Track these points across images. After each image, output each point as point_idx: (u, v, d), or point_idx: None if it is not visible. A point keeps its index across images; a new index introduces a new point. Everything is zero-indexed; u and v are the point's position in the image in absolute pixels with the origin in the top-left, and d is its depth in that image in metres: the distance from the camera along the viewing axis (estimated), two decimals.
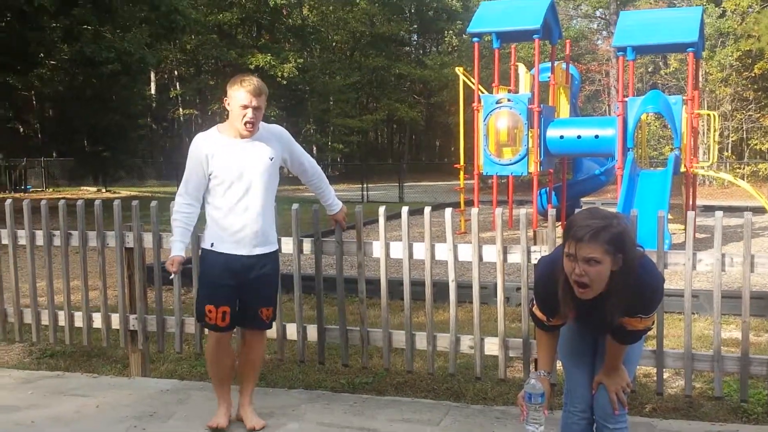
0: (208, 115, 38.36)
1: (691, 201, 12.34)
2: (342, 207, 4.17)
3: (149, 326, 4.69)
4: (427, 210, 4.13)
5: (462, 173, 13.59)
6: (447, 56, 43.16)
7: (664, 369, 3.87)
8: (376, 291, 4.29)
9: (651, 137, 25.62)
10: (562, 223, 2.92)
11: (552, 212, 3.99)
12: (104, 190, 28.05)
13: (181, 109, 40.58)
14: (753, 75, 28.18)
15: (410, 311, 4.22)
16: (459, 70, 13.77)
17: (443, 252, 4.12)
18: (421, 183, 32.73)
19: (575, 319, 2.72)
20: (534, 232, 4.04)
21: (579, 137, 12.18)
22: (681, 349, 3.84)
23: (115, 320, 4.76)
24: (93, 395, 4.33)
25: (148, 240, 4.61)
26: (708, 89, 28.53)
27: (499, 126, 12.20)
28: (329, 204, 4.12)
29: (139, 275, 4.66)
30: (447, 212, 4.15)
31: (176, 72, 40.91)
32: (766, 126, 29.26)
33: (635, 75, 13.87)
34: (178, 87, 40.55)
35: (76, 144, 29.84)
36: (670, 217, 12.21)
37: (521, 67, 14.19)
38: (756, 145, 29.97)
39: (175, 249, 3.74)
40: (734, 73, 28.80)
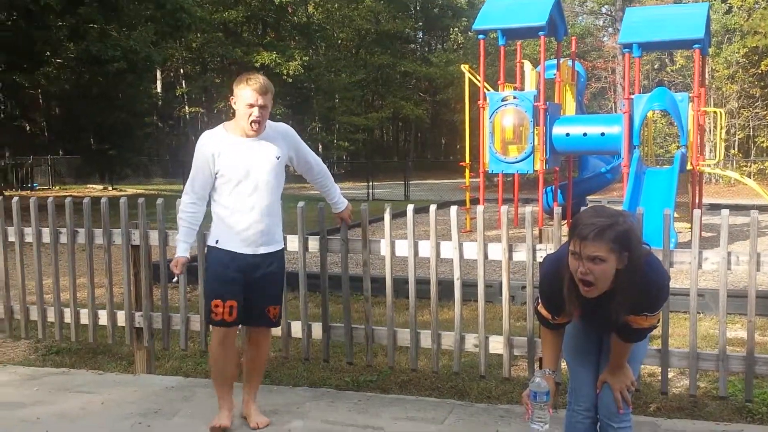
0: (214, 113, 38.40)
1: (698, 199, 12.30)
2: (347, 205, 4.17)
3: (155, 323, 4.70)
4: (433, 208, 4.12)
5: (467, 171, 13.57)
6: (452, 53, 43.09)
7: (669, 368, 3.87)
8: (381, 289, 4.29)
9: (657, 135, 25.55)
10: (568, 222, 2.92)
11: (558, 210, 3.98)
12: (110, 188, 28.12)
13: (187, 107, 40.62)
14: (760, 72, 28.05)
15: (415, 309, 4.22)
16: (464, 68, 13.75)
17: (448, 250, 4.12)
18: (427, 181, 32.72)
19: (580, 318, 2.72)
20: (539, 231, 4.04)
21: (585, 135, 12.15)
22: (686, 349, 3.83)
23: (121, 317, 4.78)
24: (98, 392, 4.35)
25: (154, 238, 4.63)
26: (714, 86, 28.42)
27: (505, 123, 12.18)
28: (335, 202, 4.13)
29: (145, 273, 4.67)
30: (452, 210, 4.14)
31: (182, 70, 40.97)
32: None
33: (641, 72, 13.84)
34: (184, 85, 40.61)
35: (83, 142, 29.92)
36: (677, 216, 12.18)
37: (527, 65, 14.16)
38: (763, 143, 29.82)
39: (180, 250, 3.74)
40: (741, 70, 28.67)
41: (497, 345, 4.10)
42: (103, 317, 4.86)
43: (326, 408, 4.04)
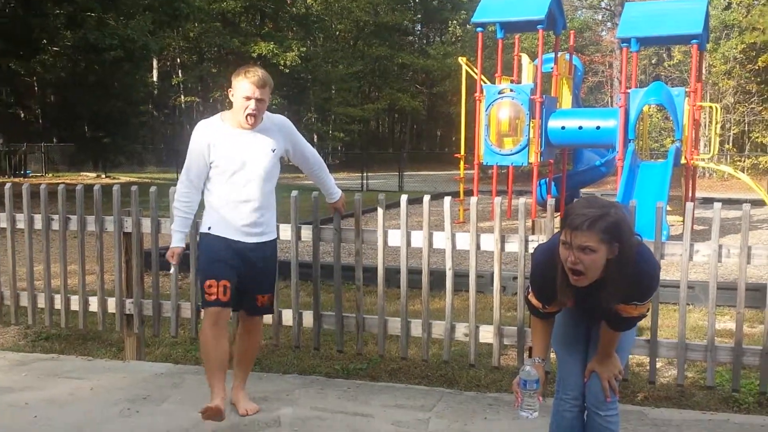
0: (210, 103, 38.30)
1: (691, 193, 12.33)
2: (341, 195, 4.17)
3: (145, 310, 4.70)
4: (426, 199, 4.12)
5: (462, 163, 13.57)
6: (450, 46, 43.02)
7: (658, 358, 3.88)
8: (373, 279, 4.29)
9: (652, 129, 25.59)
10: (561, 214, 2.92)
11: (551, 202, 3.98)
12: (104, 176, 28.06)
13: (183, 97, 40.50)
14: (757, 68, 28.10)
15: (406, 299, 4.23)
16: (462, 60, 13.74)
17: (441, 240, 4.13)
18: (421, 172, 32.71)
19: (570, 307, 2.72)
20: (532, 222, 4.05)
21: (580, 128, 12.16)
22: (675, 339, 3.85)
23: (112, 304, 4.78)
24: (87, 378, 4.34)
25: (147, 225, 4.62)
26: (711, 81, 28.45)
27: (501, 116, 12.18)
28: (329, 192, 4.12)
29: (137, 260, 4.66)
30: (446, 201, 4.14)
31: (179, 59, 40.82)
32: None
33: (639, 67, 13.84)
34: (180, 74, 40.48)
35: (77, 130, 29.81)
36: (669, 209, 12.21)
37: (524, 58, 14.15)
38: (757, 138, 29.90)
39: (175, 239, 3.72)
40: (738, 66, 28.71)
41: (487, 334, 4.11)
42: (94, 304, 4.85)
43: (316, 395, 4.05)
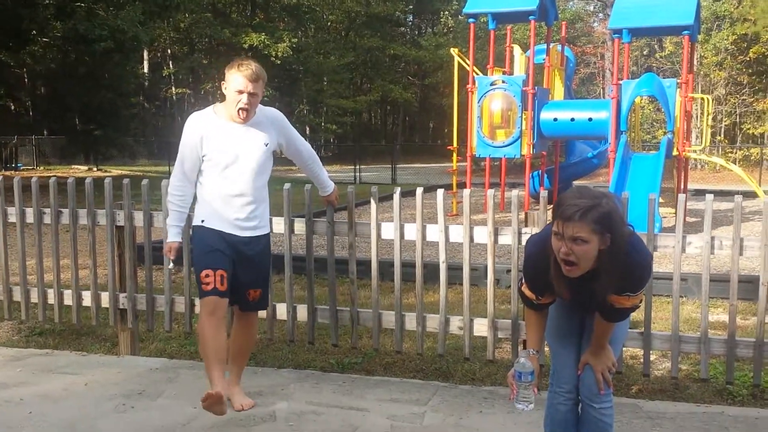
0: (201, 94, 38.11)
1: (683, 185, 12.37)
2: (334, 188, 4.16)
3: (139, 305, 4.69)
4: (419, 191, 4.12)
5: (455, 155, 13.57)
6: (442, 37, 42.89)
7: (651, 351, 3.90)
8: (367, 272, 4.29)
9: (644, 120, 25.64)
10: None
11: (544, 194, 3.99)
12: (95, 169, 27.91)
13: (174, 88, 40.28)
14: (748, 59, 28.18)
15: (400, 292, 4.23)
16: (454, 52, 13.71)
17: (434, 233, 4.13)
18: (414, 165, 32.68)
19: (564, 298, 2.72)
20: (525, 214, 4.05)
21: (573, 120, 12.17)
22: (668, 332, 3.86)
23: (105, 299, 4.76)
24: (82, 373, 4.33)
25: (139, 218, 4.60)
26: (702, 73, 28.51)
27: (493, 108, 12.17)
28: (322, 186, 4.10)
29: (130, 254, 4.65)
30: (439, 193, 4.14)
31: (169, 51, 40.56)
32: (760, 110, 29.29)
33: (630, 58, 13.85)
34: (171, 66, 40.24)
35: (68, 122, 29.65)
36: (662, 201, 12.25)
37: (516, 49, 14.14)
38: (749, 130, 30.02)
39: (171, 234, 3.70)
40: (729, 57, 28.78)
41: (482, 327, 4.12)
42: (87, 298, 4.83)
43: (311, 390, 4.05)
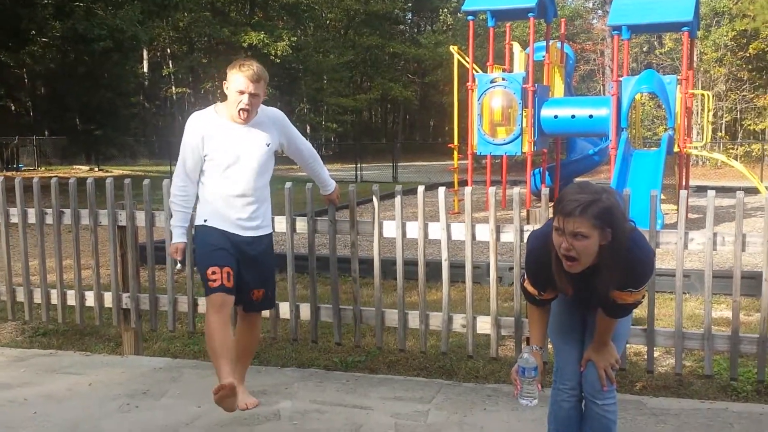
0: (201, 94, 38.12)
1: (684, 181, 12.37)
2: (335, 187, 4.16)
3: (142, 305, 4.69)
4: (421, 189, 4.12)
5: (456, 153, 13.57)
6: (441, 35, 42.87)
7: (655, 347, 3.90)
8: (369, 270, 4.29)
9: (645, 117, 25.63)
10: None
11: (545, 192, 3.99)
12: (97, 169, 27.92)
13: (174, 88, 40.27)
14: (748, 55, 28.18)
15: (403, 290, 4.23)
16: (453, 49, 13.70)
17: (436, 231, 4.12)
18: (415, 163, 32.69)
19: (567, 294, 2.72)
20: (527, 212, 4.05)
21: (573, 117, 12.17)
22: (672, 328, 3.86)
23: (108, 299, 4.76)
24: (86, 373, 4.34)
25: (141, 218, 4.60)
26: (702, 69, 28.50)
27: (494, 105, 12.17)
28: (323, 184, 4.11)
29: (132, 254, 4.65)
30: (440, 191, 4.14)
31: (169, 50, 40.56)
32: (760, 106, 29.28)
33: (630, 54, 13.84)
34: (171, 65, 40.24)
35: (68, 122, 29.67)
36: (663, 198, 12.24)
37: (516, 46, 14.13)
38: (749, 126, 30.02)
39: (177, 235, 3.69)
40: (729, 53, 28.77)
41: (485, 325, 4.12)
42: (90, 298, 4.83)
43: (314, 388, 4.05)
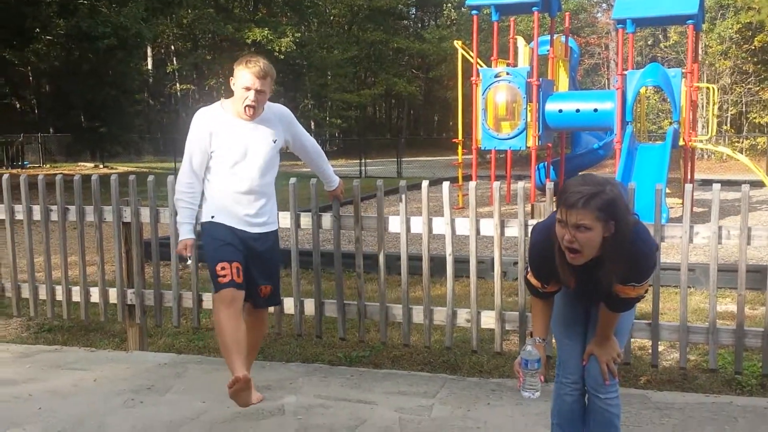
0: (205, 90, 38.12)
1: (690, 175, 12.33)
2: (340, 182, 4.15)
3: (147, 300, 4.70)
4: (425, 184, 4.11)
5: (460, 148, 13.54)
6: (445, 30, 42.80)
7: (660, 342, 3.90)
8: (374, 266, 4.29)
9: (650, 111, 25.55)
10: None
11: (550, 186, 3.98)
12: (101, 166, 27.98)
13: (178, 84, 40.30)
14: (753, 48, 28.02)
15: (407, 285, 4.23)
16: (458, 44, 13.66)
17: (441, 226, 4.12)
18: (420, 158, 32.64)
19: (571, 287, 2.72)
20: (532, 206, 4.04)
21: (578, 111, 12.13)
22: (676, 322, 3.86)
23: (113, 295, 4.77)
24: (91, 369, 4.35)
25: (146, 215, 4.61)
26: (707, 62, 28.38)
27: (498, 100, 12.14)
28: (328, 180, 4.11)
29: (137, 250, 4.66)
30: (445, 186, 4.13)
31: (173, 47, 40.57)
32: (766, 99, 29.15)
33: (635, 48, 13.78)
34: (175, 62, 40.25)
35: (73, 119, 29.71)
36: (668, 191, 12.20)
37: (520, 41, 14.08)
38: (755, 119, 29.87)
39: (184, 232, 3.66)
40: (734, 46, 28.63)
41: (489, 320, 4.12)
42: (95, 294, 4.85)
43: (319, 383, 4.06)
